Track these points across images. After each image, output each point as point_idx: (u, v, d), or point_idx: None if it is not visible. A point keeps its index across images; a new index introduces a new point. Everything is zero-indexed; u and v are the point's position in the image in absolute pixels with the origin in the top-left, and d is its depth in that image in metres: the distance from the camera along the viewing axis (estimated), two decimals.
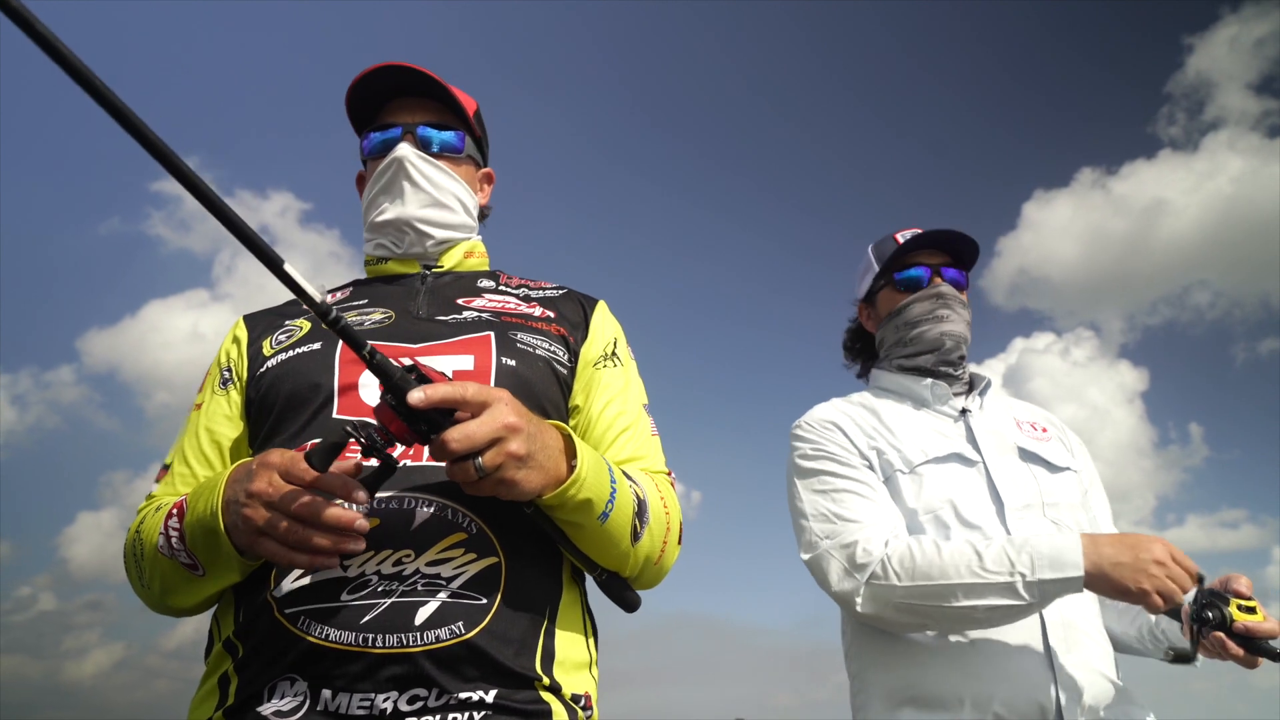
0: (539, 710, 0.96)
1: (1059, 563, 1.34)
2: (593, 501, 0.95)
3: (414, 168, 1.27)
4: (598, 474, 0.97)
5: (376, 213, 1.29)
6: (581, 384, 1.20)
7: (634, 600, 1.05)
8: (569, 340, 1.21)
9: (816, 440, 1.67)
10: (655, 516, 1.06)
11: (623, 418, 1.19)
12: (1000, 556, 1.38)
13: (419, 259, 1.31)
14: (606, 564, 1.03)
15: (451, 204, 1.31)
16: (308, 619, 0.90)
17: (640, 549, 1.04)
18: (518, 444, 0.87)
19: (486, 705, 0.91)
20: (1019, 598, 1.35)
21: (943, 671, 1.45)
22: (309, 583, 0.92)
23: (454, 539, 0.95)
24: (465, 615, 0.92)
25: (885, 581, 1.43)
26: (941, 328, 1.72)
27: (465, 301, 1.23)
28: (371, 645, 0.88)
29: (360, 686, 0.88)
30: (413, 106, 1.32)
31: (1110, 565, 1.32)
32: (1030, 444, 1.67)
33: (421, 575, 0.92)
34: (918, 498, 1.56)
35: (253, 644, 0.94)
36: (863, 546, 1.47)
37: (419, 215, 1.28)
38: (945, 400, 1.71)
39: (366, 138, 1.33)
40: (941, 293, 1.73)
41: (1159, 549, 1.32)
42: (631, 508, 1.01)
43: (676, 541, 1.13)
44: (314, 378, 1.06)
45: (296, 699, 0.89)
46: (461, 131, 1.34)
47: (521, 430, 0.87)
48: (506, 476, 0.87)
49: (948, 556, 1.41)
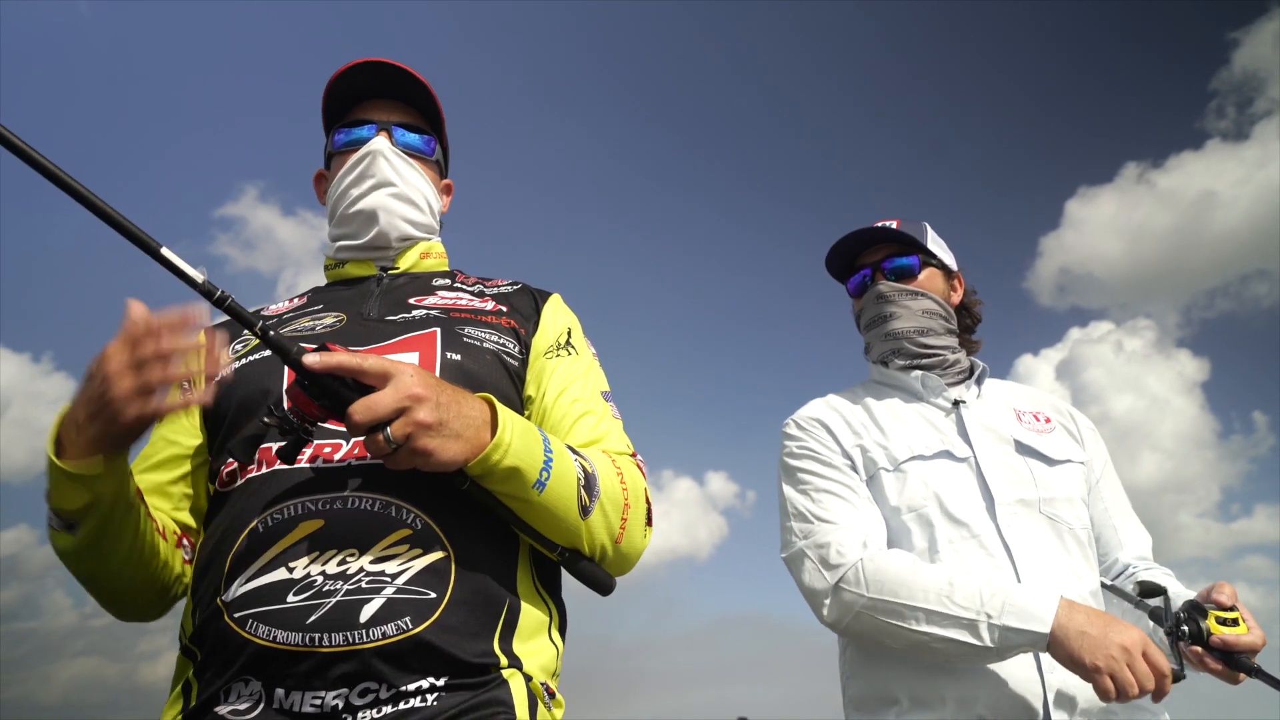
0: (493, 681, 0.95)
1: (1027, 615, 1.29)
2: (521, 469, 0.94)
3: (388, 162, 1.29)
4: (526, 441, 0.95)
5: (346, 204, 1.30)
6: (534, 374, 1.19)
7: (604, 580, 1.04)
8: (519, 332, 1.21)
9: (802, 439, 1.66)
10: (608, 492, 1.04)
11: (579, 404, 1.17)
12: (973, 594, 1.33)
13: (376, 260, 1.32)
14: (561, 541, 1.01)
15: (420, 202, 1.33)
16: (255, 621, 0.91)
17: (594, 525, 1.02)
18: (425, 412, 0.86)
19: (438, 688, 0.91)
20: (978, 638, 1.31)
21: (927, 674, 1.43)
22: (255, 586, 0.93)
23: (398, 535, 0.95)
24: (413, 610, 0.91)
25: (854, 588, 1.41)
26: (888, 327, 1.70)
27: (417, 300, 1.23)
28: (318, 645, 0.88)
29: (311, 685, 0.89)
30: (388, 107, 1.34)
31: (1076, 633, 1.26)
32: (1027, 436, 1.62)
33: (366, 573, 0.92)
34: (900, 495, 1.53)
35: (208, 649, 0.95)
36: (836, 549, 1.46)
37: (390, 207, 1.29)
38: (938, 392, 1.67)
39: (338, 132, 1.34)
40: (880, 292, 1.71)
41: (1132, 637, 1.25)
42: (575, 479, 0.99)
43: (644, 522, 1.10)
44: (264, 384, 1.08)
45: (251, 699, 0.90)
46: (432, 138, 1.37)
47: (427, 399, 0.87)
48: (418, 445, 0.86)
49: (922, 578, 1.37)
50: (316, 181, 1.43)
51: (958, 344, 1.75)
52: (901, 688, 1.45)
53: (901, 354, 1.71)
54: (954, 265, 1.79)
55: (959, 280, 1.79)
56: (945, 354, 1.71)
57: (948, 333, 1.73)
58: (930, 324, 1.70)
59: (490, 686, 0.95)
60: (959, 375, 1.71)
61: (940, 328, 1.71)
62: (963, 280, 1.80)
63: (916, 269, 1.73)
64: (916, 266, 1.73)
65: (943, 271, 1.76)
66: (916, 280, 1.72)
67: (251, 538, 0.95)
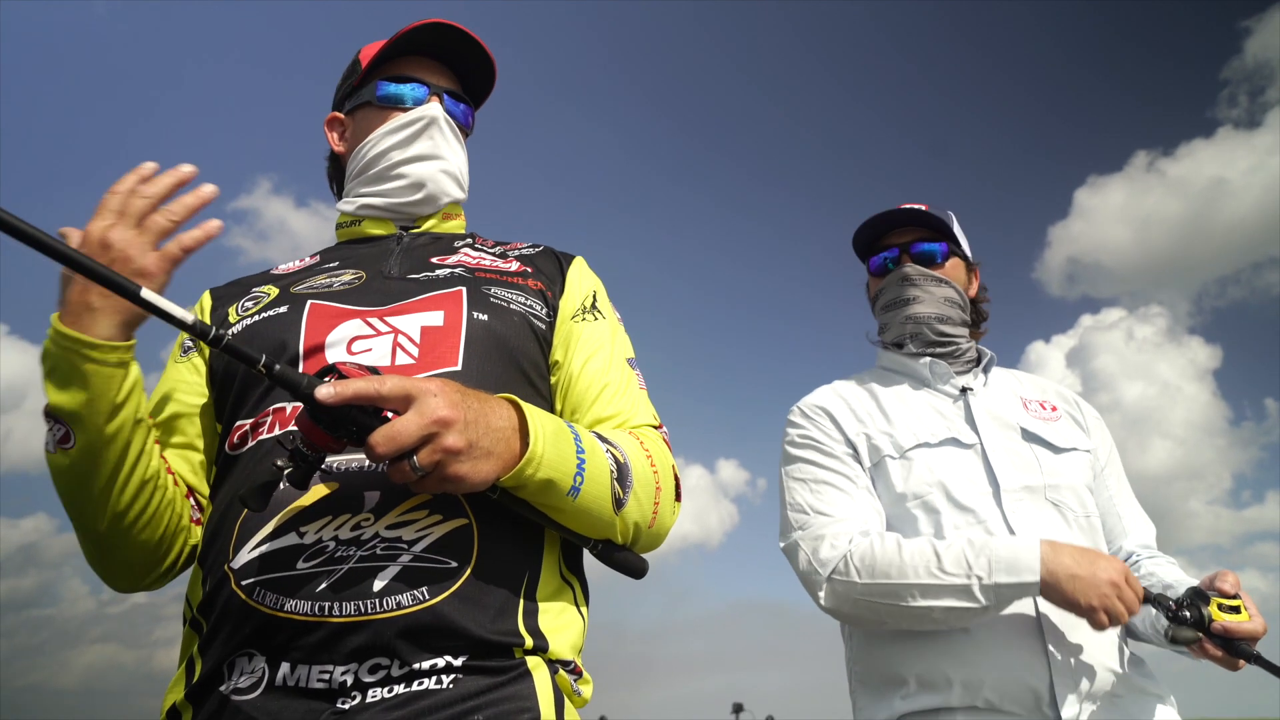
0: (515, 669, 0.90)
1: (1015, 567, 1.33)
2: (555, 481, 0.88)
3: (443, 134, 1.24)
4: (558, 448, 0.89)
5: (386, 164, 1.24)
6: (560, 338, 1.14)
7: (637, 564, 1.00)
8: (546, 295, 1.15)
9: (805, 428, 1.67)
10: (640, 479, 0.99)
11: (604, 373, 1.12)
12: (959, 558, 1.36)
13: (397, 220, 1.26)
14: (596, 536, 0.97)
15: (461, 178, 1.29)
16: (263, 589, 0.86)
17: (628, 515, 0.97)
18: (454, 438, 0.80)
19: (455, 669, 0.86)
20: (974, 600, 1.34)
21: (934, 656, 1.44)
22: (264, 552, 0.88)
23: (416, 500, 0.89)
24: (430, 580, 0.86)
25: (846, 578, 1.43)
26: (908, 311, 1.70)
27: (440, 260, 1.18)
28: (329, 614, 0.83)
29: (319, 658, 0.84)
30: (438, 71, 1.29)
31: (1066, 577, 1.31)
32: (1033, 424, 1.63)
33: (381, 539, 0.87)
34: (906, 482, 1.54)
35: (214, 620, 0.89)
36: (829, 541, 1.48)
37: (439, 181, 1.25)
38: (946, 379, 1.68)
39: (383, 83, 1.26)
40: (906, 274, 1.70)
41: (1116, 569, 1.32)
42: (609, 475, 0.94)
43: (673, 499, 1.05)
44: (280, 337, 1.02)
45: (254, 676, 0.85)
46: (471, 108, 1.33)
47: (455, 422, 0.80)
48: (449, 473, 0.81)
49: (907, 556, 1.40)
50: (329, 125, 1.35)
51: (968, 335, 1.76)
52: (909, 670, 1.47)
53: (918, 339, 1.71)
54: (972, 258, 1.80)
55: (976, 274, 1.80)
56: (959, 343, 1.72)
57: (962, 323, 1.73)
58: (950, 312, 1.71)
59: (512, 678, 0.89)
60: (967, 364, 1.72)
61: (957, 317, 1.72)
62: (978, 275, 1.81)
63: (943, 256, 1.72)
64: (944, 253, 1.72)
65: (965, 263, 1.77)
66: (942, 268, 1.72)
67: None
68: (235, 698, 0.85)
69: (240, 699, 0.85)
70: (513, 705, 0.87)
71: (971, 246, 1.82)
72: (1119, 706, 1.41)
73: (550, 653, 0.94)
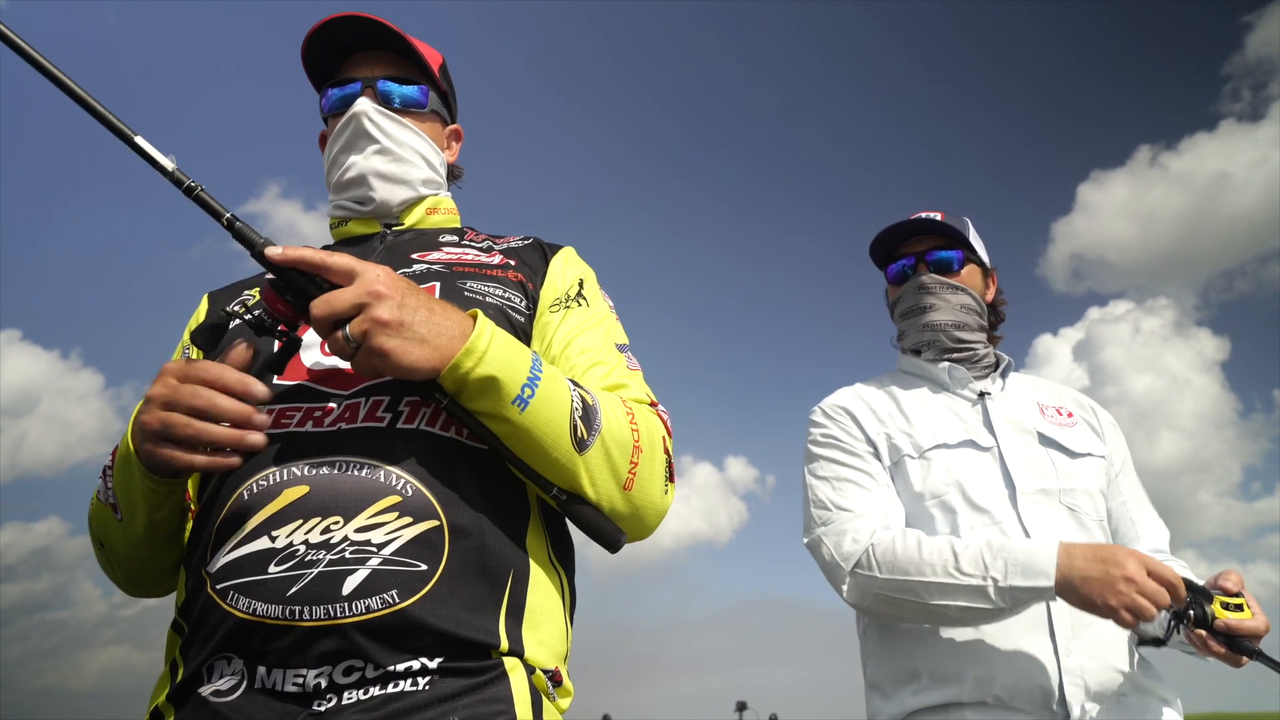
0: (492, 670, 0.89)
1: (1031, 570, 1.35)
2: (499, 380, 0.86)
3: (372, 123, 1.22)
4: (507, 353, 0.89)
5: (339, 172, 1.24)
6: (539, 329, 1.12)
7: (609, 530, 0.95)
8: (526, 286, 1.14)
9: (827, 427, 1.70)
10: (613, 431, 0.95)
11: (589, 354, 1.09)
12: (976, 559, 1.39)
13: (380, 218, 1.26)
14: (555, 477, 0.93)
15: (413, 160, 1.26)
16: (236, 593, 0.86)
17: (593, 463, 0.93)
18: (384, 310, 0.83)
19: (430, 670, 0.86)
20: (990, 602, 1.36)
21: (947, 653, 1.48)
22: (238, 556, 0.88)
23: (386, 503, 0.89)
24: (400, 583, 0.86)
25: (868, 572, 1.47)
26: (925, 319, 1.72)
27: (420, 256, 1.17)
28: (299, 618, 0.83)
29: (291, 662, 0.84)
30: (372, 60, 1.26)
31: (1080, 580, 1.31)
32: (1050, 429, 1.66)
33: (350, 542, 0.86)
34: (924, 482, 1.57)
35: (193, 623, 0.91)
36: (852, 536, 1.51)
37: (380, 170, 1.23)
38: (964, 384, 1.71)
39: (325, 94, 1.28)
40: (923, 283, 1.72)
41: (1131, 565, 1.30)
42: (568, 405, 0.91)
43: (663, 476, 1.01)
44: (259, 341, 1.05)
45: (234, 678, 0.86)
46: (425, 86, 1.29)
47: (389, 297, 0.84)
48: (374, 344, 0.82)
49: (926, 554, 1.42)
50: (321, 142, 1.36)
51: (986, 340, 1.78)
52: (922, 665, 1.50)
53: (935, 346, 1.74)
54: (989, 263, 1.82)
55: (993, 278, 1.82)
56: (977, 348, 1.74)
57: (980, 329, 1.76)
58: (966, 319, 1.73)
59: (489, 679, 0.89)
60: (985, 369, 1.75)
61: (974, 323, 1.74)
62: (996, 279, 1.83)
63: (960, 263, 1.75)
64: (960, 261, 1.75)
65: (981, 269, 1.79)
66: (959, 275, 1.74)
67: (237, 504, 0.90)
68: (215, 700, 0.86)
69: (219, 701, 0.86)
70: (489, 708, 0.87)
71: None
72: (1126, 707, 1.44)
73: (528, 657, 0.93)
